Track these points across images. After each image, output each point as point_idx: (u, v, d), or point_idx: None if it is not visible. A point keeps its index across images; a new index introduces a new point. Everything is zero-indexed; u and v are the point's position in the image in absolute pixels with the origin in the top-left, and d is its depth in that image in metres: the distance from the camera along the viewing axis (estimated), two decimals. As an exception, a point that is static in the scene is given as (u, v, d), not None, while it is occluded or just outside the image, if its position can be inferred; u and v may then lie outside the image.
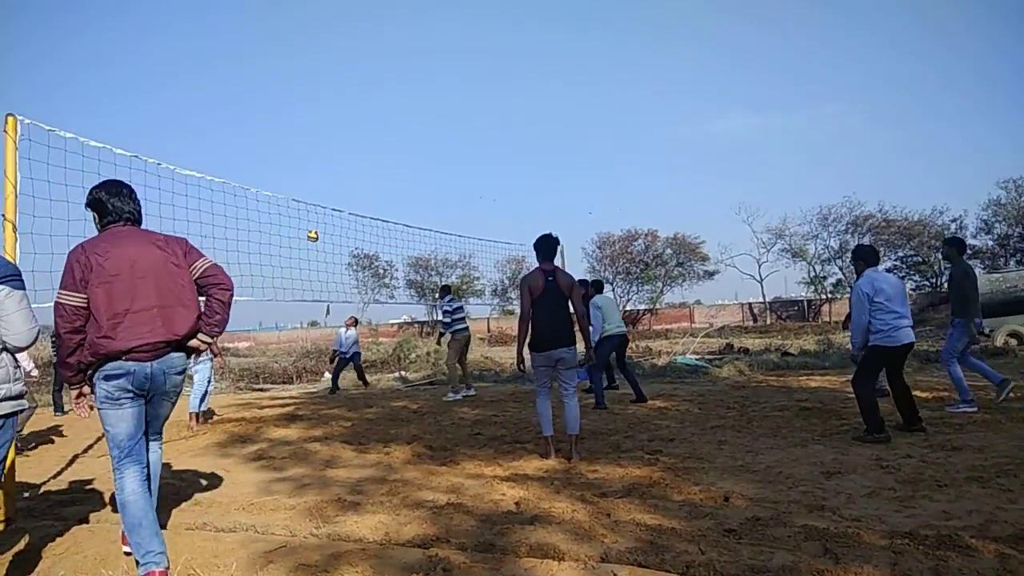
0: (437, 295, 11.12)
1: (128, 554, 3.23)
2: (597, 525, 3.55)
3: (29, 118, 4.86)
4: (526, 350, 5.59)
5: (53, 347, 11.34)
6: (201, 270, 3.26)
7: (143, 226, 3.37)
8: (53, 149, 5.67)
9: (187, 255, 3.26)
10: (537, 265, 5.61)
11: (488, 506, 4.06)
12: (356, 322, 13.92)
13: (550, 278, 5.47)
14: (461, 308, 10.97)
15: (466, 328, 10.82)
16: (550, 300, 5.44)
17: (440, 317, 10.88)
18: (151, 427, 3.32)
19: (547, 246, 5.61)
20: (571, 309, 5.59)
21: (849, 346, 9.18)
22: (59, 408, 10.88)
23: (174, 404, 3.41)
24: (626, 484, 4.44)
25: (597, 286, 9.48)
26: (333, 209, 9.61)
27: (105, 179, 3.38)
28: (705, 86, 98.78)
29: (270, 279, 8.49)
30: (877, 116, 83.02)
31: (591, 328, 8.52)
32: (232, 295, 3.33)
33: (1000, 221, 39.99)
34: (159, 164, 6.81)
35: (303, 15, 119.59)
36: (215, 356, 8.18)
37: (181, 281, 3.18)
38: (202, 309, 3.27)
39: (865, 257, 6.05)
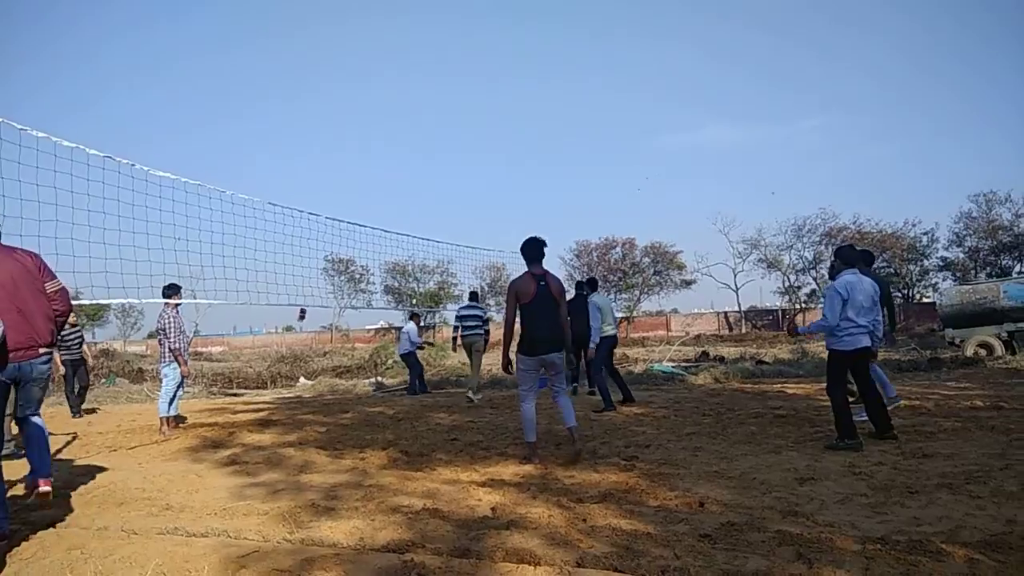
0: (468, 299, 11.08)
1: None
2: (573, 530, 3.55)
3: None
4: (513, 353, 5.59)
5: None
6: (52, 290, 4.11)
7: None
8: (25, 149, 5.59)
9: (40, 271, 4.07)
10: (525, 270, 5.57)
11: (464, 511, 4.04)
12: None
13: (542, 282, 5.48)
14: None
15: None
16: (542, 304, 5.45)
17: (463, 323, 10.97)
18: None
19: (535, 249, 5.60)
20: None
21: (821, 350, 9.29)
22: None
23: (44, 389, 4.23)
24: (602, 490, 4.44)
25: (592, 284, 9.53)
26: (309, 213, 9.55)
27: None
28: (688, 97, 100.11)
29: (244, 283, 8.39)
30: (853, 131, 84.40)
31: (591, 328, 8.60)
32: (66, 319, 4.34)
33: (971, 234, 40.88)
34: (133, 165, 6.74)
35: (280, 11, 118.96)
36: (180, 366, 8.02)
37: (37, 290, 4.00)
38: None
39: (842, 257, 6.08)
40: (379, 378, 17.65)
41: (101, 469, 5.96)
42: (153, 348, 41.23)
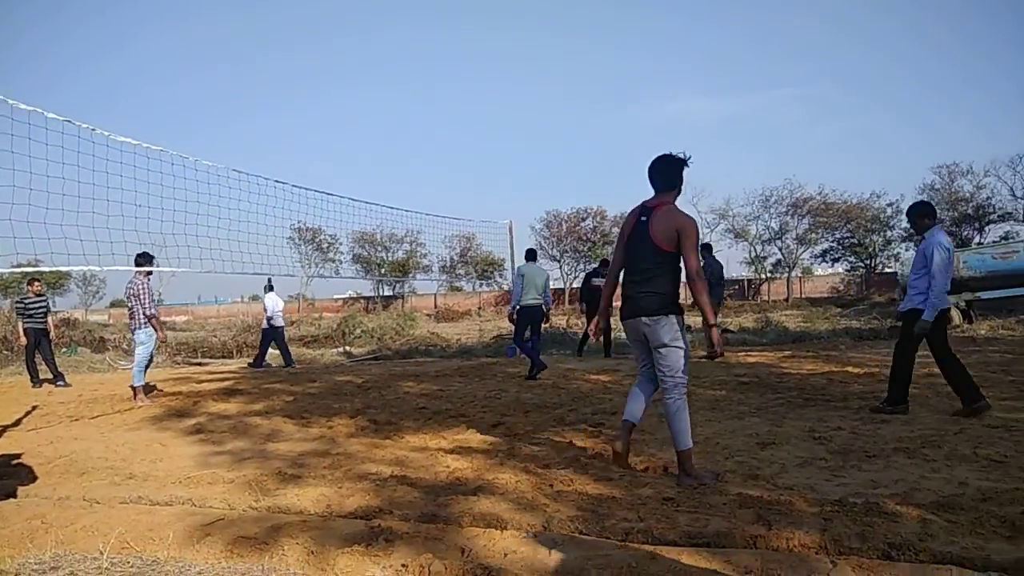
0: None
1: None
2: (540, 495, 3.59)
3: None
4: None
5: (18, 314, 10.84)
6: None
7: None
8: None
9: None
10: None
11: (432, 478, 4.06)
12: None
13: (643, 217, 3.95)
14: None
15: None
16: (634, 249, 4.04)
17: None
18: None
19: (652, 170, 4.01)
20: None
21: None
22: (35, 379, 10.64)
23: None
24: (569, 456, 4.50)
25: (528, 254, 9.65)
26: (276, 181, 9.34)
27: None
28: (660, 66, 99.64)
29: (208, 250, 8.21)
30: (822, 103, 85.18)
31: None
32: None
33: (934, 205, 41.60)
34: (93, 130, 6.52)
35: None
36: (157, 331, 7.90)
37: None
38: None
39: (931, 214, 5.64)
40: (347, 347, 17.57)
41: (62, 439, 5.86)
42: (116, 317, 40.50)
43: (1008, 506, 3.06)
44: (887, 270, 42.19)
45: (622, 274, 4.10)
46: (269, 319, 13.16)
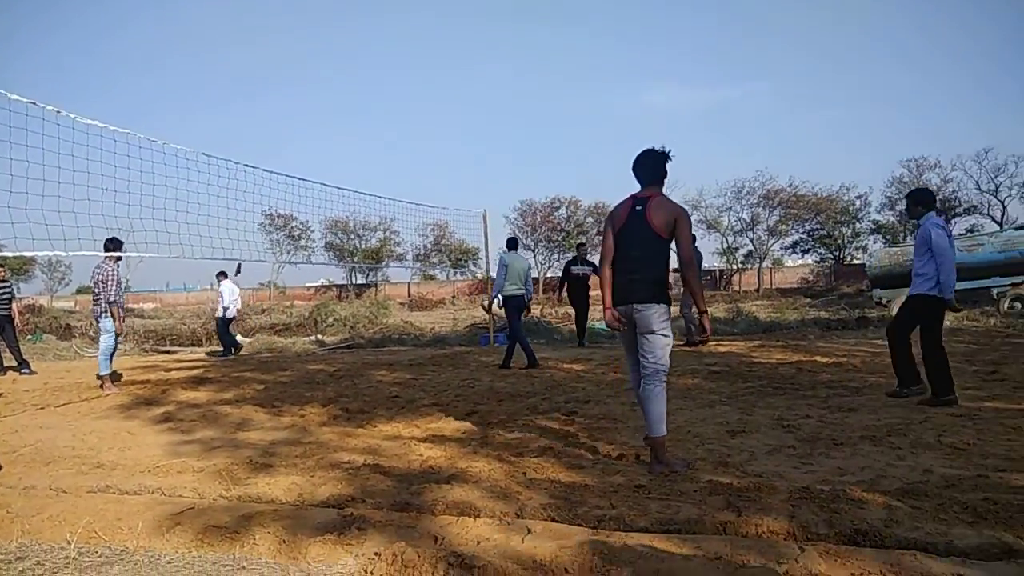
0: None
1: None
2: (513, 483, 3.60)
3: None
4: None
5: None
6: None
7: None
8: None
9: None
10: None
11: (405, 466, 4.05)
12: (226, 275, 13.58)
13: (638, 207, 4.04)
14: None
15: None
16: (630, 237, 4.09)
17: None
18: None
19: (637, 165, 4.17)
20: None
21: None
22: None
23: None
24: (542, 444, 4.51)
25: (510, 243, 9.64)
26: (246, 165, 9.19)
27: None
28: (636, 58, 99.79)
29: (176, 235, 8.07)
30: (796, 95, 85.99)
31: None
32: None
33: (902, 198, 42.36)
34: (58, 112, 6.36)
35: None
36: (116, 321, 7.75)
37: None
38: None
39: (927, 202, 5.64)
40: (319, 336, 17.43)
41: (28, 427, 5.75)
42: (83, 303, 39.68)
43: (970, 493, 3.14)
44: (855, 261, 42.91)
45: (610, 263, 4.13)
46: (225, 309, 13.04)
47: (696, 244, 9.99)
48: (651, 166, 4.07)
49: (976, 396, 5.57)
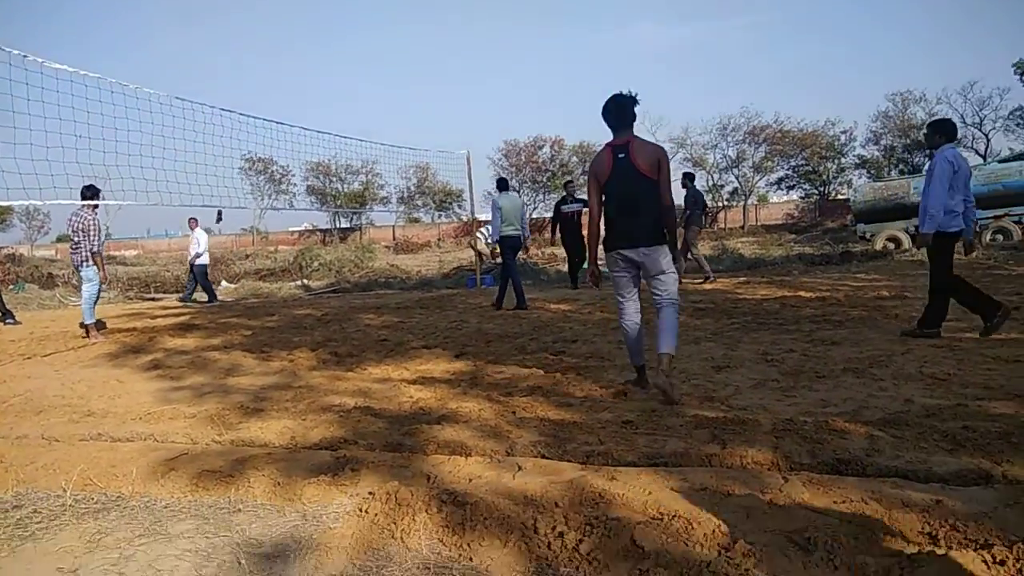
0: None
1: None
2: (503, 422, 3.65)
3: None
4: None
5: None
6: None
7: None
8: None
9: None
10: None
11: (396, 408, 4.10)
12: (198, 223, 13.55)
13: (621, 155, 4.12)
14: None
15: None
16: (621, 182, 4.22)
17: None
18: None
19: (609, 110, 4.18)
20: None
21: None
22: None
23: None
24: (531, 383, 4.56)
25: (500, 184, 9.67)
26: (222, 109, 8.98)
27: None
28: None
29: (154, 182, 7.94)
30: (775, 32, 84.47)
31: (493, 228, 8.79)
32: None
33: (887, 133, 42.27)
34: (25, 57, 6.16)
35: None
36: (100, 270, 7.67)
37: None
38: None
39: (946, 132, 5.49)
40: (305, 280, 17.38)
41: (15, 377, 5.73)
42: (63, 252, 39.15)
43: (950, 421, 3.22)
44: (840, 197, 42.94)
45: (604, 210, 4.28)
46: (198, 255, 12.98)
47: (695, 184, 10.10)
48: (622, 111, 4.14)
49: (957, 327, 5.66)
